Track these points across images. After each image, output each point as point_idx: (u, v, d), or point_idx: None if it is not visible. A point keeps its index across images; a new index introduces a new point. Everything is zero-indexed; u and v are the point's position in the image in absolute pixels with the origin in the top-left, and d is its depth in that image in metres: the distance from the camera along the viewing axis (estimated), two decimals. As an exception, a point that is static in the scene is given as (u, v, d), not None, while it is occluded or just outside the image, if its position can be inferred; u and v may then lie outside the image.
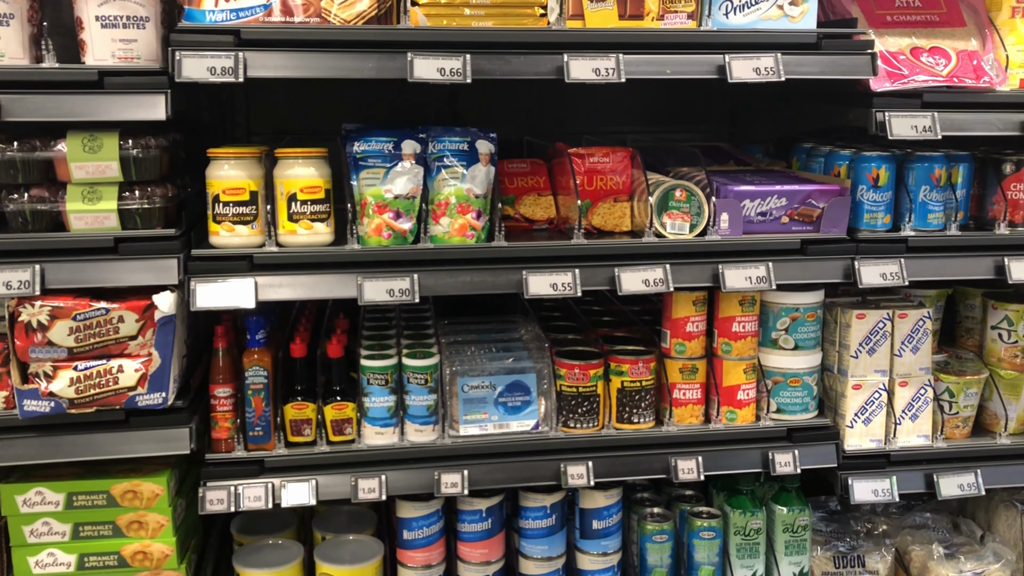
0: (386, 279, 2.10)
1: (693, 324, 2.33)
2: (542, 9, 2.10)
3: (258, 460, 2.18)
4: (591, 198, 2.34)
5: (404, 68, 1.98)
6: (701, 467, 2.31)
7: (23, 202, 2.00)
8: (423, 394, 2.24)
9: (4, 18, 1.93)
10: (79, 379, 2.01)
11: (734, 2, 2.16)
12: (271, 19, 2.01)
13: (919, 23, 2.33)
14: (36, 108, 1.92)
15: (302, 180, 2.08)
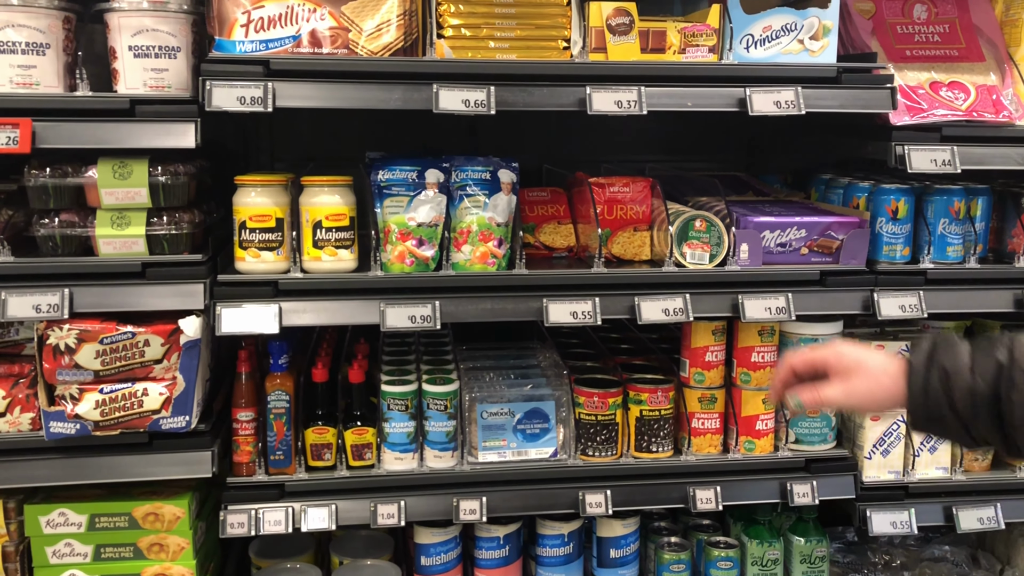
0: (408, 306, 2.13)
1: (712, 354, 2.34)
2: (565, 42, 2.13)
3: (279, 484, 2.20)
4: (611, 227, 2.36)
5: (429, 99, 2.01)
6: (719, 497, 2.31)
7: (54, 227, 2.03)
8: (443, 420, 2.25)
9: (40, 48, 1.98)
10: (104, 402, 2.04)
11: (755, 36, 2.18)
12: (300, 50, 2.05)
13: (938, 57, 2.35)
14: (69, 135, 1.96)
15: (327, 208, 2.11)
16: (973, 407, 1.40)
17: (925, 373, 1.45)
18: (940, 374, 1.44)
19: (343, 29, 2.06)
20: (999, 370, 1.38)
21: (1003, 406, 1.38)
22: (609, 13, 2.12)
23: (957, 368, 1.42)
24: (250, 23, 2.03)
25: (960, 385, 1.41)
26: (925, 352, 1.47)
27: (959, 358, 1.43)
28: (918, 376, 1.46)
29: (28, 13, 1.95)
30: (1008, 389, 1.37)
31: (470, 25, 2.08)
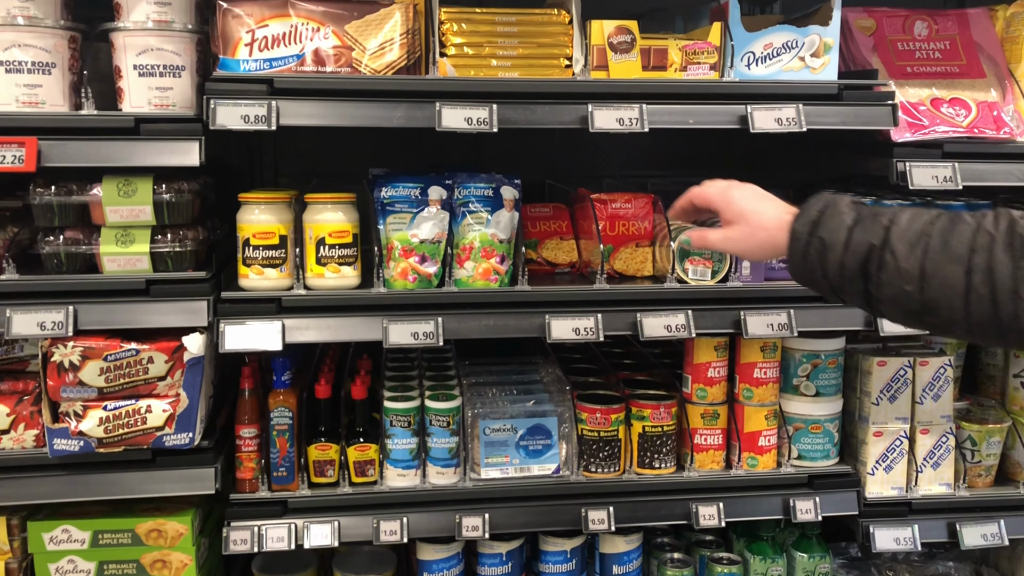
0: (411, 322, 2.13)
1: (714, 370, 2.34)
2: (567, 60, 2.14)
3: (282, 501, 2.20)
4: (613, 243, 2.37)
5: (432, 117, 2.02)
6: (722, 513, 2.31)
7: (58, 244, 2.04)
8: (445, 436, 2.26)
9: (46, 67, 1.99)
10: (108, 419, 2.05)
11: (756, 53, 2.19)
12: (304, 68, 2.06)
13: (939, 74, 2.36)
14: (74, 154, 1.97)
15: (331, 225, 2.12)
16: (842, 279, 1.48)
17: (806, 240, 1.51)
18: (818, 244, 1.50)
19: (346, 48, 2.07)
20: (870, 251, 1.44)
21: (871, 285, 1.45)
22: (611, 31, 2.13)
23: (833, 242, 1.48)
24: (254, 42, 2.05)
25: (833, 259, 1.48)
26: (810, 222, 1.52)
27: (838, 232, 1.48)
28: (799, 242, 1.52)
29: (34, 33, 1.97)
30: (878, 270, 1.43)
31: (473, 44, 2.10)
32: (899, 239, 1.42)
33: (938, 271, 1.37)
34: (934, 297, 1.38)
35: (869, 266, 1.45)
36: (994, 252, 1.33)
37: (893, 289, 1.43)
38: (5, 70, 1.97)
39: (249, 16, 2.05)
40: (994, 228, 1.35)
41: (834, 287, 1.52)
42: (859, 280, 1.47)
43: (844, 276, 1.48)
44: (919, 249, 1.40)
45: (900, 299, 1.43)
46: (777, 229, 1.58)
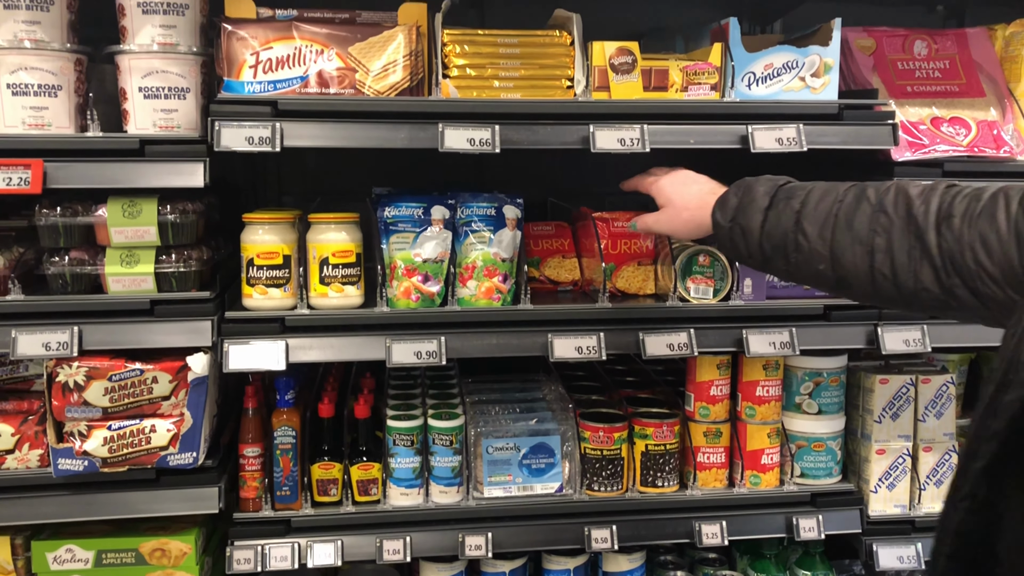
0: (414, 341, 2.14)
1: (717, 388, 2.35)
2: (569, 81, 2.16)
3: (285, 520, 2.20)
4: (615, 261, 2.38)
5: (435, 138, 2.04)
6: (725, 531, 2.31)
7: (64, 265, 2.06)
8: (448, 455, 2.26)
9: (52, 89, 2.01)
10: (113, 438, 2.05)
11: (756, 74, 2.21)
12: (307, 90, 2.08)
13: (939, 93, 2.37)
14: (80, 175, 1.98)
15: (334, 244, 2.13)
16: (764, 258, 1.64)
17: (728, 227, 1.68)
18: (739, 230, 1.66)
19: (350, 70, 2.09)
20: (784, 234, 1.58)
21: (790, 265, 1.59)
22: (612, 52, 2.14)
23: (751, 228, 1.63)
24: (258, 64, 2.06)
25: (753, 242, 1.64)
26: (730, 208, 1.68)
27: (754, 218, 1.63)
28: (722, 229, 1.71)
29: (41, 56, 1.99)
30: (794, 251, 1.56)
31: (475, 65, 2.11)
32: (809, 221, 1.54)
33: (845, 252, 1.48)
34: (844, 275, 1.50)
35: (786, 248, 1.58)
36: (892, 234, 1.42)
37: (809, 268, 1.55)
38: (12, 93, 1.99)
39: (253, 38, 2.07)
40: (893, 210, 1.43)
41: (760, 265, 1.68)
42: (780, 260, 1.61)
43: (765, 256, 1.63)
44: (827, 231, 1.51)
45: (816, 276, 1.56)
46: (698, 208, 1.80)
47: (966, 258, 1.32)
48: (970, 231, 1.32)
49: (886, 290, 1.44)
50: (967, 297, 1.34)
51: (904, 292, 1.42)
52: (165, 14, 2.02)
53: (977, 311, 1.36)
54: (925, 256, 1.37)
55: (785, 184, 1.65)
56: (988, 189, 1.34)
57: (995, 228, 1.28)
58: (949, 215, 1.36)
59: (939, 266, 1.36)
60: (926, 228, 1.37)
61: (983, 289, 1.31)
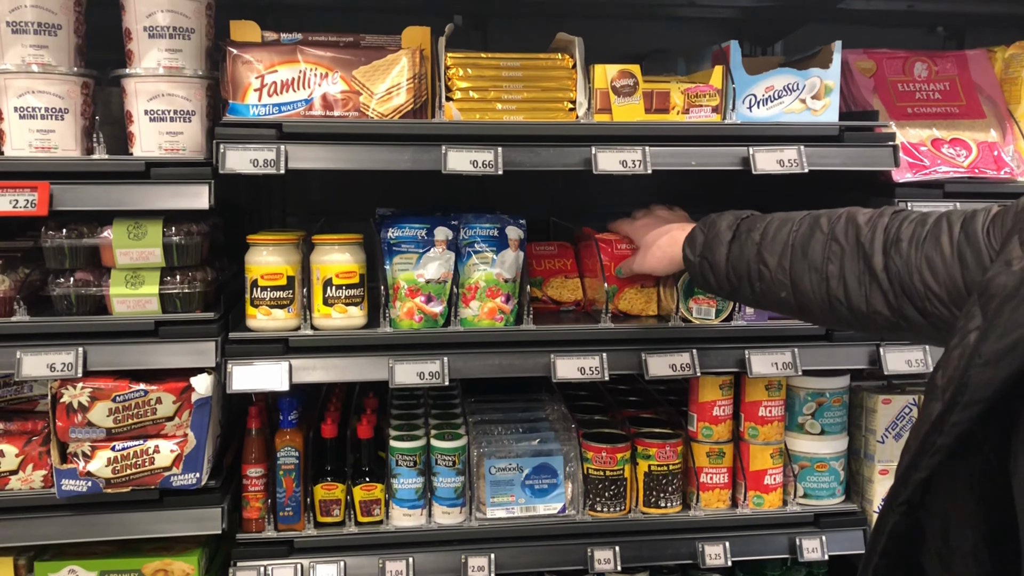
0: (417, 362, 2.15)
1: (720, 408, 2.35)
2: (571, 104, 2.17)
3: (288, 541, 2.20)
4: (618, 284, 2.38)
5: (438, 160, 2.05)
6: (728, 552, 2.30)
7: (69, 286, 2.07)
8: (451, 476, 2.26)
9: (59, 112, 2.03)
10: (116, 459, 2.06)
11: (757, 96, 2.22)
12: (312, 113, 2.10)
13: (939, 115, 2.39)
14: (86, 197, 2.00)
15: (338, 266, 2.14)
16: (732, 289, 1.76)
17: (698, 263, 1.83)
18: (706, 264, 1.80)
19: (354, 92, 2.10)
20: (748, 266, 1.69)
21: (755, 294, 1.70)
22: (614, 75, 2.16)
23: (716, 262, 1.77)
24: (263, 87, 2.08)
25: (720, 275, 1.77)
26: (698, 244, 1.83)
27: (719, 252, 1.76)
28: (692, 264, 1.85)
29: (48, 80, 2.01)
30: (758, 280, 1.67)
31: (478, 88, 2.13)
32: (769, 251, 1.65)
33: (802, 279, 1.58)
34: (804, 302, 1.59)
35: (750, 277, 1.69)
36: (844, 260, 1.51)
37: (773, 296, 1.65)
38: (19, 116, 2.01)
39: (258, 62, 2.09)
40: (844, 238, 1.52)
41: (729, 294, 1.81)
42: (746, 289, 1.72)
43: (732, 287, 1.75)
44: (786, 260, 1.61)
45: (779, 303, 1.65)
46: (669, 246, 1.99)
47: (914, 280, 1.39)
48: (917, 255, 1.40)
49: (842, 314, 1.53)
50: (917, 318, 1.41)
51: (859, 316, 1.50)
52: (171, 38, 2.04)
53: (927, 332, 1.42)
54: (874, 280, 1.46)
55: (747, 217, 1.76)
56: (933, 214, 1.43)
57: (939, 250, 1.36)
58: (897, 239, 1.44)
59: (887, 289, 1.44)
60: (873, 253, 1.46)
61: (931, 310, 1.38)
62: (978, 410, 1.05)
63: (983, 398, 1.04)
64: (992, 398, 1.04)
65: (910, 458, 1.14)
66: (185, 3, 2.05)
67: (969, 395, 1.06)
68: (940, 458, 1.09)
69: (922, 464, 1.11)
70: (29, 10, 1.98)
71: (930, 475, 1.11)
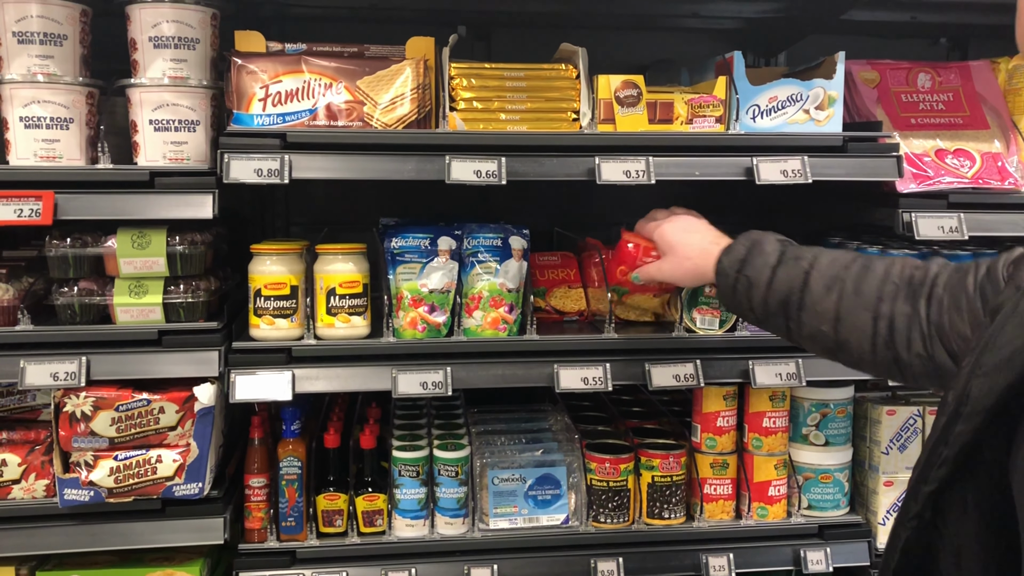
0: (420, 372, 2.14)
1: (723, 419, 2.34)
2: (575, 114, 2.18)
3: (290, 551, 2.19)
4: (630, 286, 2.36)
5: (442, 170, 2.05)
6: (732, 564, 2.29)
7: (72, 295, 2.07)
8: (454, 486, 2.25)
9: (64, 122, 2.03)
10: (119, 469, 2.06)
11: (761, 106, 2.22)
12: (316, 123, 2.10)
13: (943, 125, 2.39)
14: (90, 207, 2.00)
15: (341, 275, 2.14)
16: (766, 313, 1.68)
17: (734, 277, 1.71)
18: (744, 282, 1.69)
19: (358, 103, 2.11)
20: (790, 291, 1.62)
21: (791, 322, 1.63)
22: (617, 85, 2.16)
23: (758, 281, 1.67)
24: (268, 97, 2.09)
25: (757, 296, 1.67)
26: (737, 259, 1.72)
27: (762, 272, 1.66)
28: (727, 278, 1.73)
29: (53, 90, 2.02)
30: (797, 309, 1.61)
31: (482, 98, 2.13)
32: (817, 283, 1.59)
33: (849, 315, 1.54)
34: (846, 338, 1.55)
35: (789, 305, 1.62)
36: (896, 302, 1.50)
37: (810, 328, 1.60)
38: (24, 126, 2.01)
39: (263, 72, 2.09)
40: (899, 278, 1.53)
41: (759, 319, 1.72)
42: (781, 316, 1.65)
43: (768, 311, 1.67)
44: (834, 293, 1.57)
45: (816, 336, 1.60)
46: (700, 258, 1.81)
47: (943, 319, 1.44)
48: (948, 295, 1.45)
49: (881, 357, 1.52)
50: (947, 363, 1.44)
51: (898, 359, 1.50)
52: (176, 48, 2.05)
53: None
54: (916, 322, 1.48)
55: (791, 243, 1.73)
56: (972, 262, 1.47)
57: (965, 289, 1.43)
58: (934, 283, 1.49)
59: (925, 332, 1.47)
60: (920, 296, 1.49)
61: (958, 350, 1.41)
62: (980, 420, 1.07)
63: (984, 408, 1.06)
64: (993, 408, 1.05)
65: (919, 471, 1.16)
66: (190, 14, 2.05)
67: (971, 405, 1.08)
68: (947, 470, 1.10)
69: (931, 476, 1.12)
70: (35, 20, 1.99)
71: (939, 489, 1.12)
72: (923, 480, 1.14)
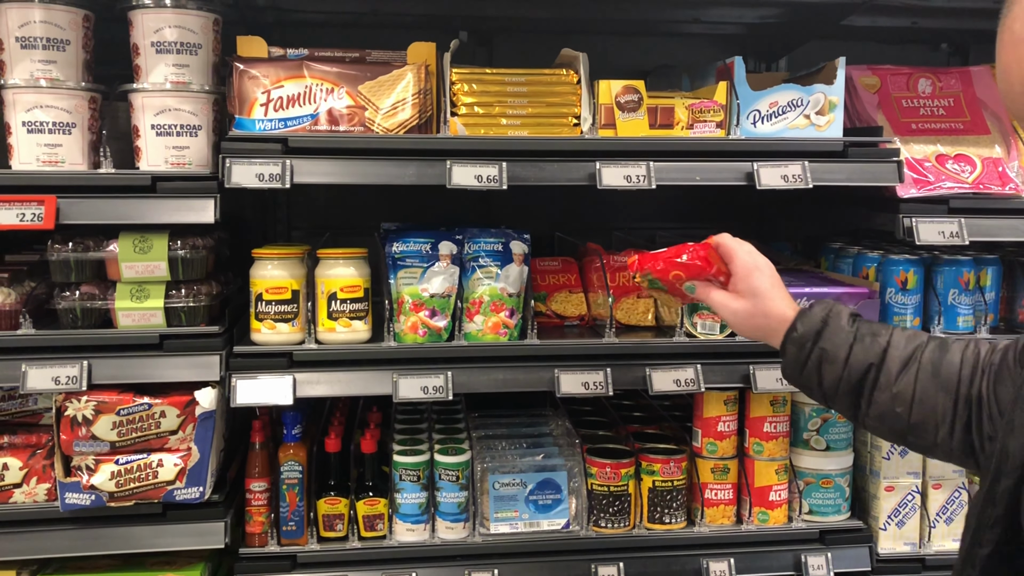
0: (421, 376, 2.14)
1: (724, 424, 2.34)
2: (575, 119, 2.18)
3: (291, 556, 2.19)
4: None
5: (443, 175, 2.06)
6: (733, 569, 2.29)
7: (74, 299, 2.07)
8: (454, 491, 2.25)
9: (67, 127, 2.04)
10: (120, 473, 2.06)
11: (762, 112, 2.23)
12: (317, 128, 2.11)
13: (944, 131, 2.39)
14: (92, 211, 2.01)
15: (342, 280, 2.15)
16: (836, 391, 1.55)
17: (809, 348, 1.56)
18: (819, 354, 1.55)
19: (360, 107, 2.11)
20: (868, 369, 1.51)
21: (862, 400, 1.52)
22: (618, 91, 2.17)
23: (835, 356, 1.53)
24: (269, 102, 2.09)
25: (832, 371, 1.54)
26: (814, 329, 1.56)
27: (840, 347, 1.54)
28: (800, 349, 1.57)
29: (56, 94, 2.02)
30: (871, 389, 1.51)
31: (483, 103, 2.14)
32: (894, 361, 1.50)
33: (928, 397, 1.47)
34: (922, 420, 1.48)
35: (864, 384, 1.52)
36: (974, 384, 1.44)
37: (883, 408, 1.51)
38: (27, 130, 2.02)
39: (265, 77, 2.10)
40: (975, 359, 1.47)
41: (826, 395, 1.58)
42: (852, 395, 1.54)
43: (839, 389, 1.55)
44: (910, 374, 1.49)
45: (886, 417, 1.51)
46: (778, 321, 1.62)
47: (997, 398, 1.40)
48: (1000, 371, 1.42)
49: (958, 441, 1.45)
50: None
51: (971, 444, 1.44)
52: (178, 53, 2.06)
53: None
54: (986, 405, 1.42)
55: (862, 318, 1.61)
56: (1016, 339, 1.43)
57: (1006, 363, 1.41)
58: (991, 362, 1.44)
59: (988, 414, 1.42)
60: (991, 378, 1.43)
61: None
62: (1018, 476, 1.08)
63: (1020, 464, 1.08)
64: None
65: (971, 535, 1.16)
66: (192, 19, 2.06)
67: (1011, 462, 1.09)
68: (999, 531, 1.10)
69: (984, 539, 1.12)
70: (38, 26, 1.99)
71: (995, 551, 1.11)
72: (977, 544, 1.14)
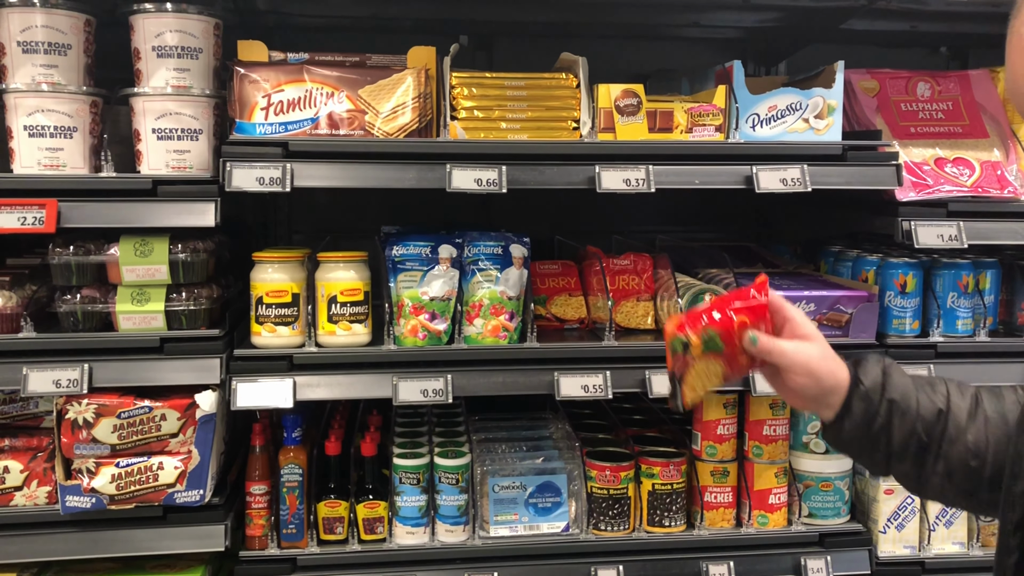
0: (421, 379, 2.15)
1: (724, 427, 2.34)
2: (575, 123, 2.19)
3: (291, 559, 2.20)
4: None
5: (443, 178, 2.06)
6: (733, 572, 2.29)
7: (75, 303, 2.08)
8: (454, 494, 2.26)
9: (68, 131, 2.05)
10: (120, 476, 2.06)
11: (760, 115, 2.23)
12: (318, 132, 2.11)
13: (943, 134, 2.40)
14: (93, 215, 2.02)
15: (343, 283, 2.15)
16: (907, 449, 1.35)
17: (877, 401, 1.35)
18: (888, 406, 1.35)
19: (360, 111, 2.12)
20: (938, 416, 1.34)
21: (929, 455, 1.34)
22: (617, 94, 2.18)
23: (906, 406, 1.34)
24: (270, 106, 2.10)
25: (904, 424, 1.34)
26: (878, 384, 1.36)
27: (908, 396, 1.35)
28: (868, 403, 1.35)
29: (57, 99, 2.03)
30: (940, 441, 1.33)
31: (483, 107, 2.15)
32: (960, 410, 1.34)
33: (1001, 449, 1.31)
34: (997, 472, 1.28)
35: (932, 434, 1.34)
36: None
37: (957, 461, 1.33)
38: (29, 134, 2.03)
39: (265, 81, 2.11)
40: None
41: (892, 455, 1.37)
42: (920, 453, 1.35)
43: (908, 444, 1.35)
44: (979, 421, 1.33)
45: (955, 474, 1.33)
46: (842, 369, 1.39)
47: None
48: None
49: None
50: None
51: None
52: (179, 58, 2.07)
53: None
54: None
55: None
56: None
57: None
58: None
59: None
60: None
61: None
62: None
63: None
64: None
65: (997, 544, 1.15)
66: (193, 23, 2.07)
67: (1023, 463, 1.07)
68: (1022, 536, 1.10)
69: (1010, 545, 1.11)
70: (40, 30, 2.00)
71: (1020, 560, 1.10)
72: (1005, 550, 1.12)
